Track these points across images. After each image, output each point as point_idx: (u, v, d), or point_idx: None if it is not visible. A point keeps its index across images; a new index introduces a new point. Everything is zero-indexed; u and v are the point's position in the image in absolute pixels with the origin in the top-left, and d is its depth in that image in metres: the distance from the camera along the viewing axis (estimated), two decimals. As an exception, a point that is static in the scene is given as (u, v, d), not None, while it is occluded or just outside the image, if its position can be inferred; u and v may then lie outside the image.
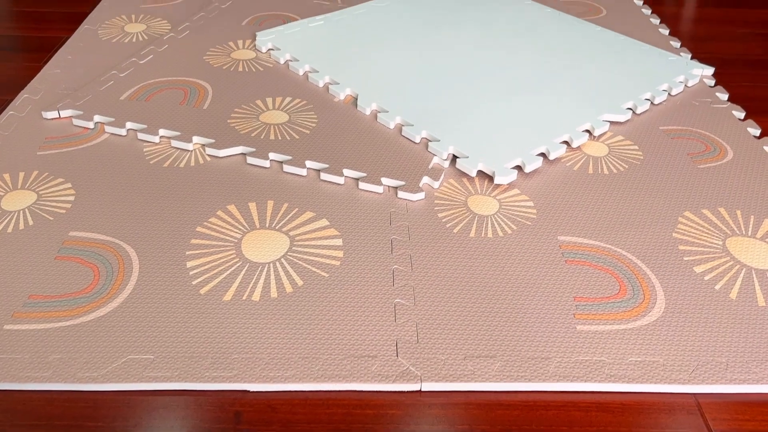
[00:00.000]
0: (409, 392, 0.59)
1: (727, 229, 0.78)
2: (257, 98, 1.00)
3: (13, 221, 0.76)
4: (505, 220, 0.79)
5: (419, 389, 0.59)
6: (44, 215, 0.77)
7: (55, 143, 0.89)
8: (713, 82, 1.10)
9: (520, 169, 0.87)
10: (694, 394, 0.60)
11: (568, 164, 0.89)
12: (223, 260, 0.71)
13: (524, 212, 0.80)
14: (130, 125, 0.92)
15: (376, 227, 0.77)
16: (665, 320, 0.66)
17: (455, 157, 0.88)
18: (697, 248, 0.75)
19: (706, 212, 0.81)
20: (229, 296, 0.67)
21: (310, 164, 0.86)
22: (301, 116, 0.96)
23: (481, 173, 0.86)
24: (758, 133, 0.98)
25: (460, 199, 0.82)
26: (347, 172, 0.85)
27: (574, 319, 0.66)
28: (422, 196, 0.82)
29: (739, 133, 0.97)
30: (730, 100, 1.06)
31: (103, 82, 1.02)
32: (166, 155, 0.88)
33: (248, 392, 0.58)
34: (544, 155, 0.89)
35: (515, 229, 0.77)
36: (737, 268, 0.73)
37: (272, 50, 1.14)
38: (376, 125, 0.95)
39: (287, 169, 0.86)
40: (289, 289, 0.68)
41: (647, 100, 1.02)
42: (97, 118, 0.94)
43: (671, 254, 0.74)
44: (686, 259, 0.74)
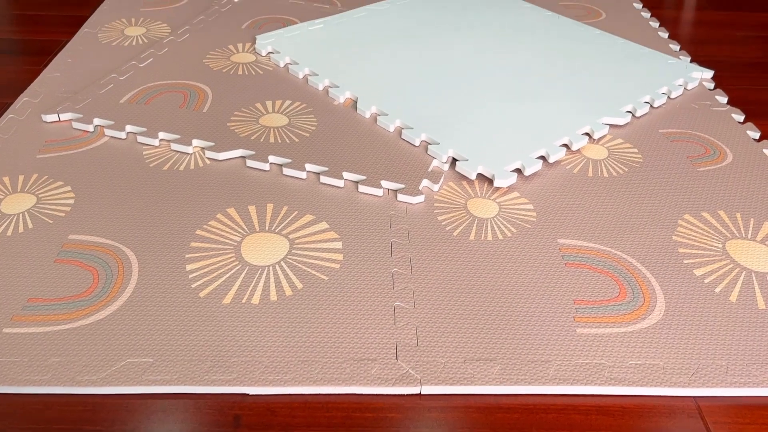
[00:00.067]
0: (408, 395, 0.59)
1: (727, 232, 0.78)
2: (257, 101, 1.00)
3: (12, 224, 0.76)
4: (504, 223, 0.79)
5: (419, 392, 0.59)
6: (44, 218, 0.77)
7: (54, 146, 0.89)
8: (712, 85, 1.10)
9: (519, 172, 0.87)
10: (694, 397, 0.59)
11: (567, 167, 0.89)
12: (222, 263, 0.71)
13: (524, 215, 0.80)
14: (129, 128, 0.92)
15: (375, 230, 0.77)
16: (665, 323, 0.66)
17: (455, 160, 0.88)
18: (697, 251, 0.75)
19: (705, 215, 0.81)
20: (228, 299, 0.67)
21: (309, 167, 0.86)
22: (300, 119, 0.96)
23: (480, 176, 0.86)
24: (758, 136, 0.98)
25: (459, 202, 0.82)
26: (347, 175, 0.85)
27: (573, 322, 0.66)
28: (422, 199, 0.82)
29: (738, 136, 0.97)
30: (729, 103, 1.06)
31: (102, 85, 1.02)
32: (165, 158, 0.88)
33: (247, 396, 0.58)
34: (543, 158, 0.89)
35: (515, 232, 0.77)
36: (737, 271, 0.73)
37: (272, 53, 1.14)
38: (375, 128, 0.95)
39: (287, 172, 0.86)
40: (288, 292, 0.68)
41: (647, 103, 1.02)
42: (96, 121, 0.94)
43: (671, 257, 0.74)
44: (686, 262, 0.74)
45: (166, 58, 1.12)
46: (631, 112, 1.01)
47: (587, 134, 0.95)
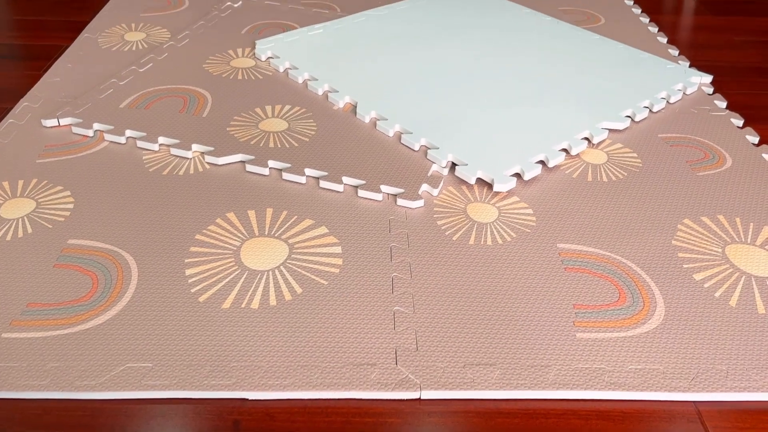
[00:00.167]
0: (408, 400, 0.59)
1: (726, 236, 0.78)
2: (256, 106, 1.00)
3: (12, 229, 0.76)
4: (504, 227, 0.79)
5: (419, 397, 0.59)
6: (43, 223, 0.77)
7: (54, 151, 0.89)
8: (712, 89, 1.11)
9: (519, 176, 0.87)
10: (694, 401, 0.59)
11: (567, 172, 0.89)
12: (222, 268, 0.71)
13: (523, 220, 0.80)
14: (129, 133, 0.92)
15: (375, 235, 0.77)
16: (665, 328, 0.66)
17: (454, 164, 0.88)
18: (696, 256, 0.75)
19: (705, 220, 0.81)
20: (227, 304, 0.67)
21: (309, 172, 0.86)
22: (300, 124, 0.96)
23: (480, 181, 0.86)
24: (757, 140, 0.98)
25: (459, 206, 0.82)
26: (346, 179, 0.85)
27: (573, 326, 0.66)
28: (421, 203, 0.82)
29: (737, 140, 0.97)
30: (728, 107, 1.07)
31: (102, 90, 1.02)
32: (165, 163, 0.88)
33: (247, 401, 0.58)
34: (543, 163, 0.89)
35: (514, 236, 0.77)
36: (737, 275, 0.73)
37: (272, 58, 1.14)
38: (375, 133, 0.95)
39: (286, 176, 0.86)
40: (288, 296, 0.68)
41: (646, 107, 1.03)
42: (96, 126, 0.94)
43: (671, 262, 0.74)
44: (686, 266, 0.74)
45: (166, 63, 1.12)
46: (630, 116, 1.01)
47: (586, 139, 0.95)
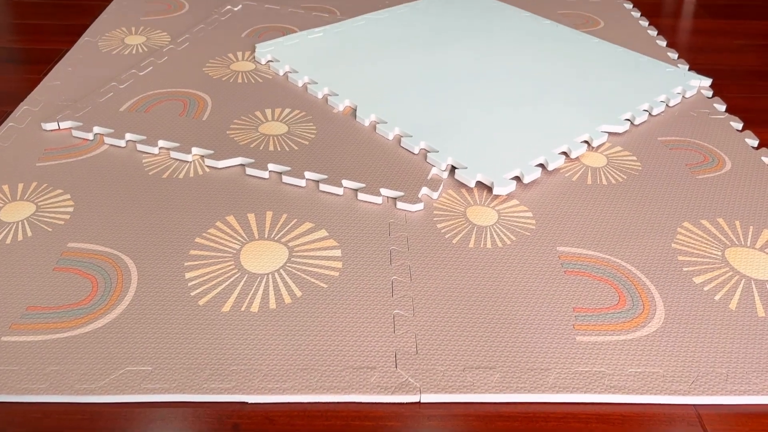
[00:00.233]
0: (408, 404, 0.59)
1: (726, 239, 0.78)
2: (256, 109, 1.01)
3: (12, 232, 0.76)
4: (504, 230, 0.79)
5: (418, 401, 0.59)
6: (43, 226, 0.77)
7: (54, 154, 0.89)
8: (711, 93, 1.11)
9: (518, 179, 0.87)
10: (694, 405, 0.59)
11: (566, 175, 0.89)
12: (221, 271, 0.71)
13: (523, 223, 0.80)
14: (129, 136, 0.92)
15: (375, 238, 0.77)
16: (665, 331, 0.66)
17: (454, 167, 0.88)
18: (696, 259, 0.75)
19: (705, 223, 0.81)
20: (227, 307, 0.67)
21: (309, 175, 0.86)
22: (300, 127, 0.96)
23: (479, 184, 0.86)
24: (756, 143, 0.98)
25: (459, 209, 0.82)
26: (346, 182, 0.85)
27: (573, 329, 0.66)
28: (421, 206, 0.82)
29: (737, 143, 0.97)
30: (727, 111, 1.07)
31: (102, 93, 1.03)
32: (165, 166, 0.88)
33: (246, 404, 0.58)
34: (542, 166, 0.89)
35: (514, 239, 0.77)
36: (736, 278, 0.73)
37: (271, 62, 1.14)
38: (375, 136, 0.95)
39: (286, 180, 0.86)
40: (287, 300, 0.68)
41: (645, 111, 1.03)
42: (96, 129, 0.94)
43: (670, 265, 0.74)
44: (685, 269, 0.74)
45: (166, 66, 1.12)
46: (629, 119, 1.01)
47: (586, 142, 0.95)
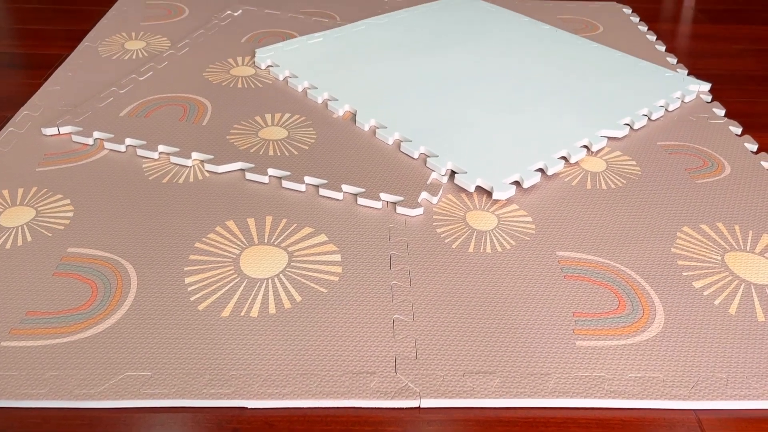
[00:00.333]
0: (407, 409, 0.59)
1: (725, 244, 0.78)
2: (256, 114, 1.01)
3: (11, 237, 0.76)
4: (503, 235, 0.79)
5: (418, 406, 0.59)
6: (43, 231, 0.77)
7: (54, 159, 0.90)
8: (710, 98, 1.11)
9: (518, 184, 0.87)
10: (694, 410, 0.59)
11: (566, 180, 0.89)
12: (221, 276, 0.71)
13: (523, 227, 0.80)
14: (129, 141, 0.92)
15: (374, 243, 0.77)
16: (665, 336, 0.66)
17: (453, 172, 0.88)
18: (695, 263, 0.75)
19: (704, 227, 0.81)
20: (227, 312, 0.67)
21: (308, 180, 0.86)
22: (300, 132, 0.96)
23: (479, 188, 0.86)
24: (755, 148, 0.98)
25: (458, 214, 0.82)
26: (346, 187, 0.85)
27: (573, 334, 0.66)
28: (421, 211, 0.82)
29: (736, 148, 0.97)
30: (726, 115, 1.07)
31: (102, 98, 1.03)
32: (165, 171, 0.88)
33: (246, 409, 0.58)
34: (542, 171, 0.90)
35: (514, 244, 0.77)
36: (736, 283, 0.73)
37: (271, 67, 1.14)
38: (374, 141, 0.95)
39: (286, 184, 0.86)
40: (287, 305, 0.68)
41: (644, 115, 1.03)
42: (96, 134, 0.94)
43: (670, 269, 0.74)
44: (685, 274, 0.74)
45: (166, 71, 1.12)
46: (629, 124, 1.01)
47: (585, 147, 0.95)
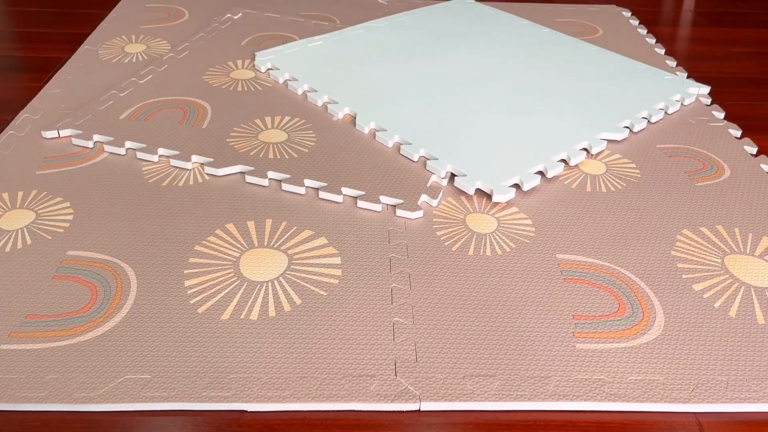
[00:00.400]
0: (407, 412, 0.59)
1: (725, 246, 0.78)
2: (256, 117, 1.01)
3: (11, 240, 0.76)
4: (503, 238, 0.79)
5: (418, 409, 0.59)
6: (43, 234, 0.77)
7: (54, 162, 0.90)
8: (709, 100, 1.11)
9: (518, 187, 0.87)
10: (694, 413, 0.59)
11: (566, 182, 0.89)
12: (221, 279, 0.71)
13: (522, 230, 0.80)
14: (129, 144, 0.92)
15: (374, 245, 0.77)
16: (665, 338, 0.66)
17: (453, 175, 0.88)
18: (695, 266, 0.75)
19: (704, 230, 0.81)
20: (227, 315, 0.67)
21: (308, 183, 0.86)
22: (299, 135, 0.96)
23: (479, 191, 0.86)
24: (755, 151, 0.98)
25: (458, 217, 0.82)
26: (346, 190, 0.85)
27: (573, 337, 0.66)
28: (421, 214, 0.82)
29: (735, 151, 0.97)
30: (726, 118, 1.07)
31: (102, 101, 1.03)
32: (164, 174, 0.88)
33: (246, 412, 0.58)
34: (542, 173, 0.90)
35: (514, 247, 0.77)
36: (736, 285, 0.73)
37: (271, 70, 1.14)
38: (374, 144, 0.95)
39: (286, 187, 0.86)
40: (287, 307, 0.68)
41: (644, 118, 1.03)
42: (96, 137, 0.94)
43: (670, 272, 0.74)
44: (685, 277, 0.74)
45: (165, 74, 1.12)
46: (628, 127, 1.01)
47: (585, 150, 0.95)
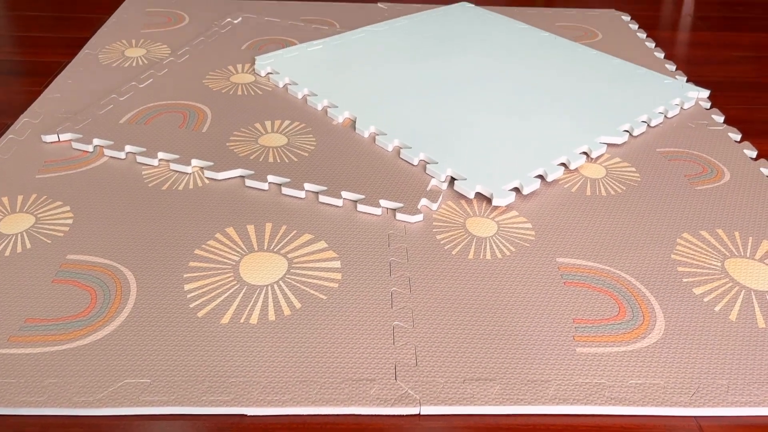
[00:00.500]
0: (407, 416, 0.58)
1: (725, 250, 0.78)
2: (256, 121, 1.01)
3: (11, 244, 0.76)
4: (503, 241, 0.79)
5: (418, 413, 0.59)
6: (42, 238, 0.77)
7: (54, 166, 0.90)
8: (709, 104, 1.11)
9: (518, 191, 0.87)
10: (695, 417, 0.59)
11: (565, 186, 0.89)
12: (221, 283, 0.71)
13: (522, 234, 0.80)
14: (129, 148, 0.93)
15: (374, 249, 0.77)
16: (665, 342, 0.66)
17: (453, 179, 0.88)
18: (695, 270, 0.75)
19: (704, 233, 0.81)
20: (226, 319, 0.67)
21: (308, 186, 0.86)
22: (299, 139, 0.96)
23: (479, 195, 0.86)
24: (754, 154, 0.98)
25: (458, 221, 0.82)
26: (346, 194, 0.85)
27: (573, 341, 0.65)
28: (420, 218, 0.82)
29: (735, 154, 0.97)
30: (725, 122, 1.07)
31: (102, 105, 1.03)
32: (164, 178, 0.88)
33: (245, 416, 0.58)
34: (541, 177, 0.90)
35: (513, 251, 0.77)
36: (736, 289, 0.73)
37: (271, 74, 1.14)
38: (374, 148, 0.95)
39: (286, 191, 0.86)
40: (287, 311, 0.68)
41: (644, 122, 1.03)
42: (96, 141, 0.94)
43: (670, 276, 0.74)
44: (685, 280, 0.74)
45: (165, 78, 1.12)
46: (628, 131, 1.01)
47: (585, 153, 0.95)
